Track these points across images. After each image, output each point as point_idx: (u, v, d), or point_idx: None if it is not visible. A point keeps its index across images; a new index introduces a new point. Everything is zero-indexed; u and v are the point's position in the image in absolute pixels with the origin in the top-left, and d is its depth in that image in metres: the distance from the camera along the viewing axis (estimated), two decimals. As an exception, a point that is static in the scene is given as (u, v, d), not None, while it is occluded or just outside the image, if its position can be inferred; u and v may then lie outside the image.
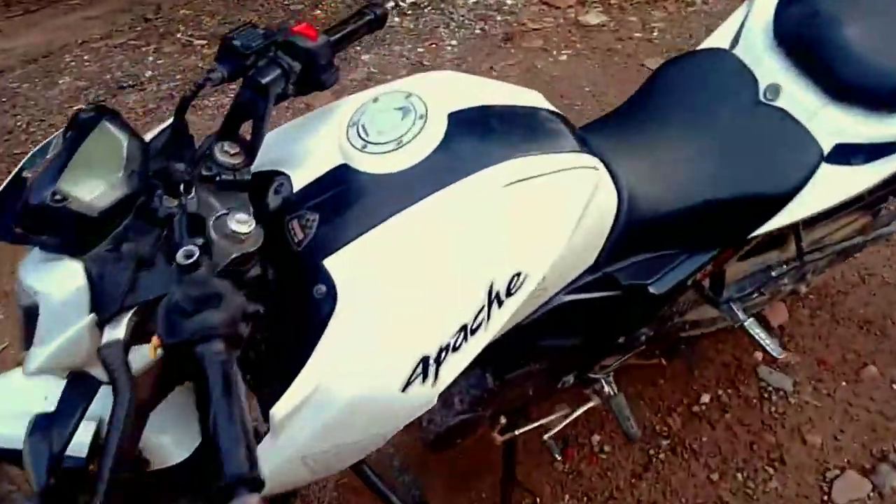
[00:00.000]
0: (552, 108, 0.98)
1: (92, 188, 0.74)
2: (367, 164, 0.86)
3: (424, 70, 3.23)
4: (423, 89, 0.92)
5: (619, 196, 0.99)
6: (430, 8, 3.73)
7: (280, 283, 0.87)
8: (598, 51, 3.24)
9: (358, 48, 3.45)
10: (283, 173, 0.92)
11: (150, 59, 3.74)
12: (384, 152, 0.86)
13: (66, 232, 0.74)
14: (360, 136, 0.88)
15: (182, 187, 0.79)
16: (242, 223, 0.82)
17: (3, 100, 3.51)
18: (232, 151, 0.87)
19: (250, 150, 0.88)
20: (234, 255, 0.80)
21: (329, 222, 0.85)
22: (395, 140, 0.86)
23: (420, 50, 3.40)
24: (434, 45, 3.42)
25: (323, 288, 0.82)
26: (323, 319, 0.80)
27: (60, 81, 3.65)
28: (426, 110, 0.88)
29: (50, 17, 4.38)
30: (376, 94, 0.93)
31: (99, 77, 3.64)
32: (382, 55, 3.39)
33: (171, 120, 0.87)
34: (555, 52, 3.27)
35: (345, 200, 0.86)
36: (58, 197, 0.71)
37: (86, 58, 3.85)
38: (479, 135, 0.88)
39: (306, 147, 0.93)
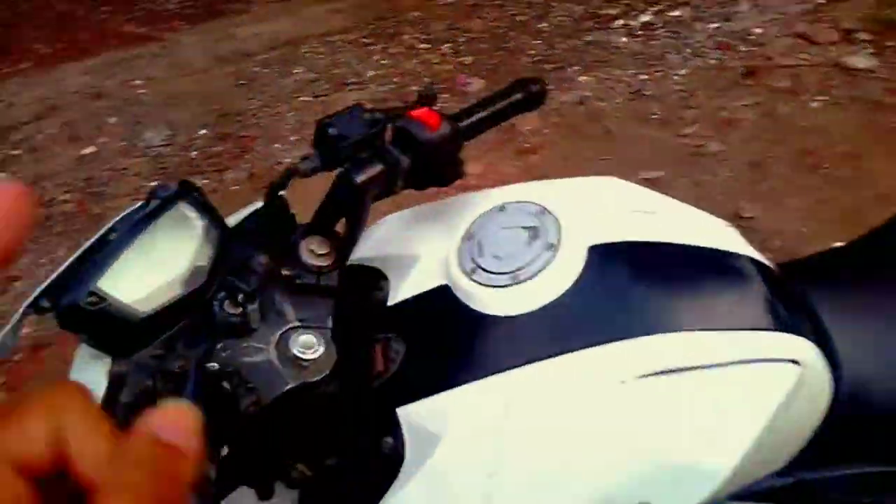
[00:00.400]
0: (750, 251, 0.70)
1: (141, 287, 0.64)
2: (472, 294, 0.67)
3: (644, 100, 2.91)
4: (564, 205, 0.70)
5: (836, 384, 0.69)
6: (663, 30, 3.37)
7: (355, 414, 0.72)
8: (861, 102, 2.68)
9: (576, 67, 3.23)
10: (385, 276, 0.77)
11: (376, 58, 3.85)
12: (494, 286, 0.66)
13: (104, 334, 0.64)
14: (472, 255, 0.69)
15: (242, 297, 0.66)
16: (308, 348, 0.67)
17: (242, 82, 3.82)
18: (319, 251, 0.72)
19: (342, 251, 0.73)
20: (288, 387, 0.66)
21: (415, 360, 0.68)
22: (512, 273, 0.66)
23: (643, 77, 3.08)
24: (660, 73, 3.07)
25: (390, 441, 0.66)
26: (383, 482, 0.64)
27: (295, 71, 3.89)
28: (560, 237, 0.67)
29: (301, 6, 4.70)
30: (506, 200, 0.73)
31: (328, 71, 3.82)
32: (601, 78, 3.12)
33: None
34: (805, 97, 2.76)
35: (437, 336, 0.68)
36: (92, 299, 0.61)
37: (321, 50, 4.06)
38: (626, 286, 0.64)
39: (414, 250, 0.76)
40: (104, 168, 3.30)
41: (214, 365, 0.64)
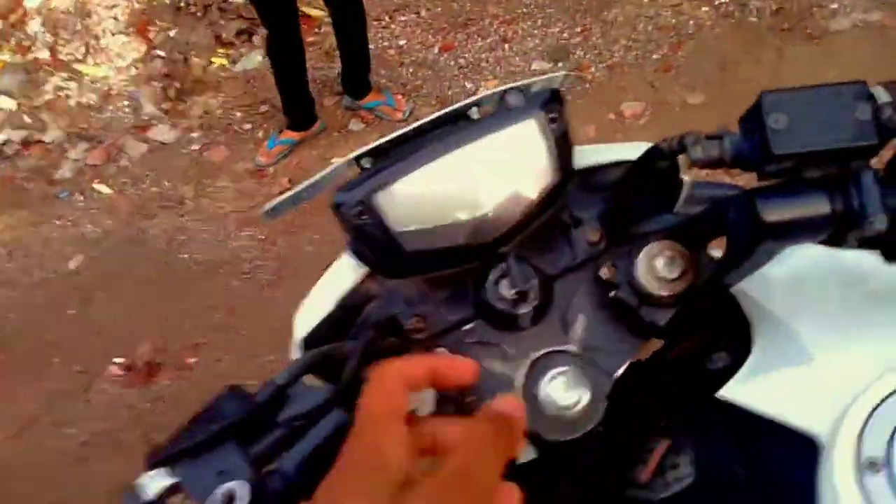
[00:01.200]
0: None
1: (420, 217, 0.49)
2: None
3: None
4: None
5: None
6: None
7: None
8: None
9: None
10: (746, 339, 0.48)
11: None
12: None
13: (363, 247, 0.53)
14: (891, 440, 0.37)
15: (517, 290, 0.48)
16: (563, 402, 0.47)
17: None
18: (664, 272, 0.47)
19: (698, 288, 0.47)
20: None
21: None
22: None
23: None
24: None
25: None
26: None
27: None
28: None
29: None
30: None
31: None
32: None
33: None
34: None
35: None
36: (360, 209, 0.49)
37: None
38: None
39: (809, 336, 0.43)
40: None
41: (444, 351, 0.49)
